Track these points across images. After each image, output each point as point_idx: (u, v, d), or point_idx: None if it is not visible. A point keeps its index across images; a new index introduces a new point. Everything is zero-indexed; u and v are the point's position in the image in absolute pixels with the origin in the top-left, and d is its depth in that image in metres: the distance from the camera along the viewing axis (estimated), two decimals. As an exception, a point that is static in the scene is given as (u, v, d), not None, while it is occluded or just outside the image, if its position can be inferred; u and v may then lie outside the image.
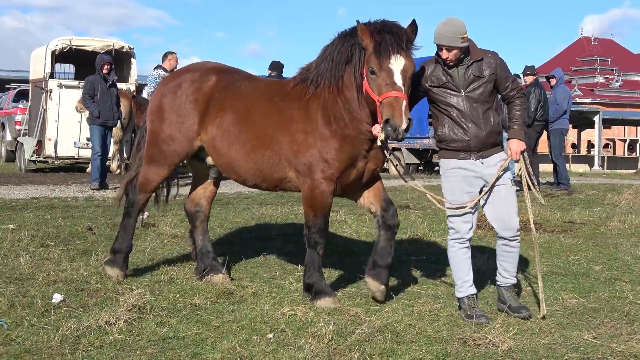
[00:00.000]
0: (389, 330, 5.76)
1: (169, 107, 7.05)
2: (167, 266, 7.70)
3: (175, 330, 5.60)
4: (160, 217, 10.31)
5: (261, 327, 5.74)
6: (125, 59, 21.65)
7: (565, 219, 11.96)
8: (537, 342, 5.65)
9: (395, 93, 5.88)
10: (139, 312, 5.90)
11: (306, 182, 6.50)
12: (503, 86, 6.38)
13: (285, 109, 6.64)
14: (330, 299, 6.46)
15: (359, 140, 6.41)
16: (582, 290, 7.35)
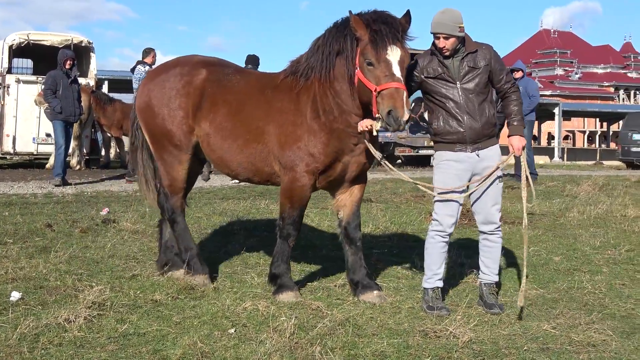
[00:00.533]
0: (350, 323, 5.78)
1: (158, 102, 6.93)
2: (127, 262, 7.65)
3: (135, 326, 5.56)
4: (121, 213, 10.25)
5: (222, 323, 5.73)
6: (84, 53, 21.46)
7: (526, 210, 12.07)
8: (497, 333, 5.70)
9: (395, 84, 5.85)
10: (99, 309, 5.85)
11: (288, 174, 6.46)
12: (497, 78, 6.38)
13: (275, 100, 6.59)
14: (293, 293, 6.45)
15: (346, 133, 6.36)
16: (542, 281, 7.43)
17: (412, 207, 11.97)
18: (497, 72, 6.37)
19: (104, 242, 8.49)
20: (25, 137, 20.03)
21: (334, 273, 7.44)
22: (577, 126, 64.00)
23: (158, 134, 6.96)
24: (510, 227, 10.37)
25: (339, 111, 6.30)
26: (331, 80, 6.32)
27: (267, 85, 6.76)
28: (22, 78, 20.38)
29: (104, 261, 7.66)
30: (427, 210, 11.23)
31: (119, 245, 8.43)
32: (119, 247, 8.30)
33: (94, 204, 11.43)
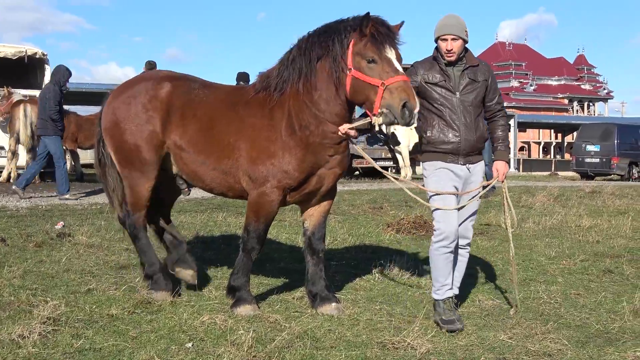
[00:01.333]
0: (308, 336, 5.77)
1: (124, 118, 6.81)
2: (83, 277, 7.55)
3: (91, 342, 5.49)
4: (76, 227, 10.14)
5: (180, 337, 5.68)
6: (38, 65, 21.28)
7: (482, 221, 12.15)
8: (454, 343, 5.73)
9: (404, 77, 5.88)
10: (54, 325, 5.77)
11: (257, 188, 6.37)
12: (490, 97, 6.40)
13: (247, 116, 6.49)
14: (250, 306, 6.41)
15: (323, 146, 6.31)
16: (498, 292, 7.49)
17: (370, 219, 12.02)
18: (492, 91, 6.41)
19: (59, 256, 8.39)
20: (-23, 151, 19.81)
21: (292, 285, 7.44)
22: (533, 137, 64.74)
23: (126, 150, 6.84)
24: (467, 238, 10.44)
25: (316, 123, 6.24)
26: (308, 91, 6.25)
27: (238, 101, 6.67)
28: (-27, 90, 20.09)
29: (59, 275, 7.56)
30: (384, 222, 11.32)
31: (74, 259, 8.33)
32: (74, 261, 8.20)
33: (48, 218, 11.31)
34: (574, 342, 5.84)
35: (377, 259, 8.48)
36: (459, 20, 6.27)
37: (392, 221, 11.29)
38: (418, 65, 6.43)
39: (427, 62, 6.41)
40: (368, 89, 5.95)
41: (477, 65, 6.34)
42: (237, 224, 10.96)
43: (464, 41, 6.25)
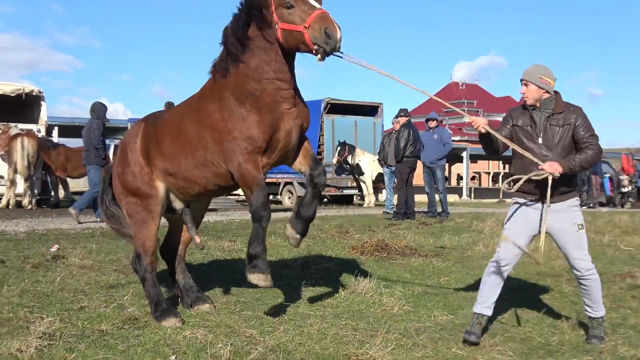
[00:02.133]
0: (281, 349, 5.78)
1: (122, 169, 6.87)
2: (76, 295, 7.51)
3: (83, 355, 5.46)
4: (70, 249, 10.08)
5: (164, 350, 5.66)
6: (35, 101, 21.21)
7: (437, 244, 12.24)
8: (412, 355, 5.75)
9: (318, 11, 5.79)
10: (49, 339, 5.73)
11: (234, 165, 6.19)
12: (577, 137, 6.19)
13: (201, 108, 6.39)
14: (263, 275, 6.21)
15: (277, 102, 6.20)
16: (452, 308, 7.53)
17: (337, 242, 12.04)
18: (580, 131, 6.17)
19: (54, 276, 8.33)
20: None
21: (266, 302, 7.45)
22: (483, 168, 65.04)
23: (129, 194, 6.81)
24: (423, 259, 10.51)
25: (262, 87, 6.15)
26: (247, 62, 6.18)
27: (192, 100, 6.65)
28: (-24, 124, 19.97)
29: (54, 294, 7.51)
30: (350, 245, 11.34)
31: (68, 279, 8.28)
32: (68, 281, 8.15)
33: (44, 241, 11.22)
34: (519, 354, 5.90)
35: (343, 278, 8.51)
36: (537, 68, 6.25)
37: (357, 244, 11.33)
38: (512, 112, 6.53)
39: (520, 108, 6.47)
40: (297, 36, 5.88)
41: (562, 112, 6.22)
42: (218, 246, 10.95)
43: (539, 87, 6.20)
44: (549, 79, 6.21)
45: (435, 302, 7.75)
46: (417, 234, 13.35)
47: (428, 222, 15.94)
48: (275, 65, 6.16)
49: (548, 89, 6.21)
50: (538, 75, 6.19)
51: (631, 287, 8.88)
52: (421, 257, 10.68)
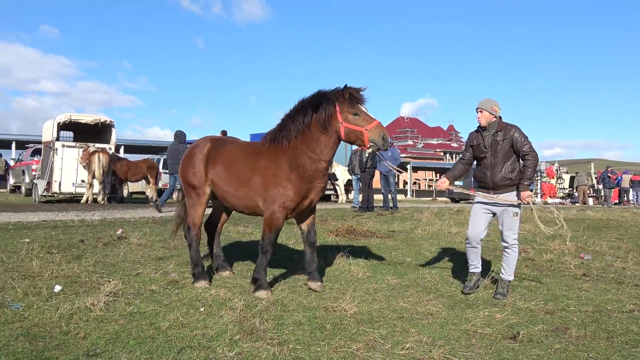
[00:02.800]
0: (279, 303, 5.73)
1: (187, 167, 6.72)
2: (134, 265, 7.39)
3: (138, 307, 5.38)
4: (130, 232, 9.95)
5: (196, 304, 5.59)
6: (108, 128, 21.02)
7: (389, 229, 12.20)
8: (371, 307, 5.72)
9: (377, 121, 5.98)
10: (113, 296, 5.65)
11: (269, 208, 6.09)
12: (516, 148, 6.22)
13: (259, 160, 6.27)
14: (266, 291, 6.08)
15: (315, 177, 6.09)
16: (399, 274, 7.49)
17: (318, 228, 11.96)
18: (517, 142, 6.18)
19: (119, 251, 8.21)
20: (67, 182, 19.61)
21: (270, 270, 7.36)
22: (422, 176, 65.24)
23: (188, 186, 6.73)
24: (380, 240, 10.46)
25: (310, 162, 6.07)
26: (305, 141, 6.10)
27: (252, 150, 6.48)
28: (66, 144, 19.90)
29: (118, 264, 7.39)
30: (328, 230, 11.26)
31: (129, 253, 8.15)
32: (128, 255, 8.03)
33: (112, 226, 11.07)
34: (447, 307, 5.88)
35: (323, 253, 8.45)
36: (488, 100, 6.31)
37: (333, 229, 11.25)
38: (470, 135, 6.54)
39: (475, 132, 6.48)
40: (357, 133, 5.95)
41: (502, 130, 6.26)
42: (235, 230, 10.84)
43: (490, 113, 6.27)
44: (496, 108, 6.29)
45: (388, 270, 7.71)
46: (375, 222, 13.29)
47: (383, 214, 15.88)
48: (325, 150, 6.11)
49: (495, 114, 6.29)
50: (490, 105, 6.26)
51: (525, 260, 8.87)
52: (378, 238, 10.63)
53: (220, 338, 4.62)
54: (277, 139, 6.26)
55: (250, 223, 11.84)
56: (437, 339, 4.79)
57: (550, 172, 38.10)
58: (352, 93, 5.97)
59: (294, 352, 4.39)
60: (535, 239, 11.32)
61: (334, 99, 6.03)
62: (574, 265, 8.47)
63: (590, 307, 6.00)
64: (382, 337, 4.80)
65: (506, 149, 6.23)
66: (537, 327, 5.20)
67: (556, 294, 6.58)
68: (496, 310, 5.70)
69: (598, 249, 10.24)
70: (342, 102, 5.99)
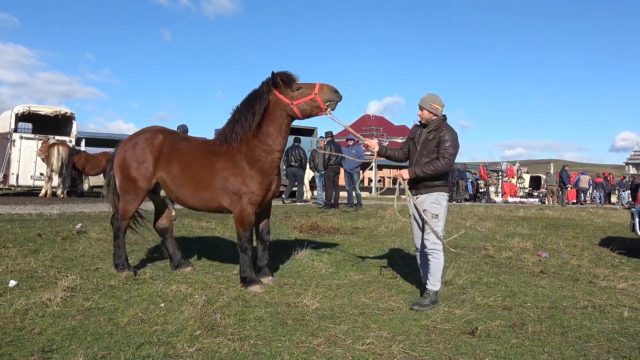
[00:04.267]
0: (241, 298, 5.70)
1: (130, 158, 6.54)
2: (93, 260, 7.25)
3: (97, 303, 5.29)
4: (90, 227, 9.75)
5: (156, 299, 5.53)
6: (68, 120, 20.58)
7: (353, 226, 12.26)
8: (333, 303, 5.74)
9: (319, 84, 6.04)
10: (71, 292, 5.55)
11: (237, 207, 6.14)
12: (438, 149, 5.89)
13: (217, 162, 6.26)
14: (259, 285, 6.11)
15: (272, 168, 6.20)
16: (362, 270, 7.53)
17: (283, 224, 11.94)
18: (441, 144, 5.85)
19: (77, 246, 8.04)
20: (25, 175, 19.17)
21: (232, 266, 7.33)
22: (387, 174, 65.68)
23: (127, 179, 6.57)
24: (344, 236, 10.50)
25: (265, 154, 6.15)
26: (256, 135, 6.16)
27: (208, 151, 6.42)
28: (24, 135, 19.42)
29: (77, 259, 7.24)
30: (292, 226, 11.25)
31: (88, 248, 7.99)
32: (88, 250, 7.87)
33: (71, 220, 10.83)
34: (407, 302, 5.94)
35: (286, 249, 8.44)
36: (429, 97, 5.98)
37: (297, 225, 11.25)
38: (413, 128, 6.35)
39: (417, 126, 6.27)
40: (310, 102, 6.04)
41: (437, 130, 5.93)
42: (198, 225, 10.73)
43: (429, 111, 5.95)
44: (437, 105, 5.98)
45: (351, 266, 7.75)
46: (339, 218, 13.34)
47: (347, 211, 15.95)
48: (277, 141, 6.20)
49: (436, 112, 5.99)
50: (429, 103, 5.98)
51: (485, 257, 9.03)
52: (342, 235, 10.67)
53: (180, 334, 4.57)
54: (229, 139, 6.29)
55: (212, 219, 11.74)
56: (398, 334, 4.84)
57: (511, 172, 38.99)
58: (282, 76, 6.10)
59: (254, 347, 4.38)
60: (495, 236, 11.54)
61: (268, 89, 6.15)
62: (531, 262, 8.66)
63: (547, 303, 6.14)
64: (343, 332, 4.82)
65: (432, 149, 5.93)
66: (495, 322, 5.30)
67: (514, 290, 6.72)
68: (455, 306, 5.79)
69: (555, 247, 10.50)
70: (280, 87, 6.11)
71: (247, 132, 6.19)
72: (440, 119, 6.01)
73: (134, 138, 6.75)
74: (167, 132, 6.80)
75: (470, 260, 8.64)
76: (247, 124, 6.18)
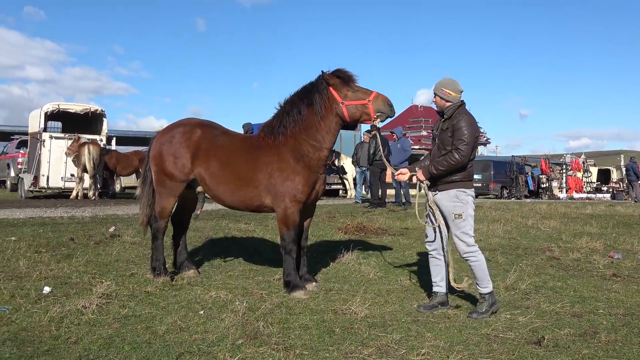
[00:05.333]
0: (284, 305, 5.74)
1: (166, 152, 6.64)
2: (128, 265, 7.43)
3: (133, 310, 5.42)
4: (124, 230, 9.99)
5: (195, 306, 5.62)
6: (98, 118, 21.09)
7: (403, 226, 12.20)
8: (384, 310, 5.73)
9: (376, 92, 6.18)
10: (106, 298, 5.69)
11: (280, 206, 6.20)
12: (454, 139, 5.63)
13: (261, 156, 6.34)
14: (303, 291, 6.15)
15: (318, 166, 6.29)
16: (414, 274, 7.48)
17: (326, 225, 11.97)
18: (455, 134, 5.61)
19: (111, 250, 8.24)
20: (55, 177, 19.73)
21: (273, 271, 7.39)
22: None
23: (163, 174, 6.68)
24: (392, 238, 10.46)
25: (313, 150, 6.24)
26: (305, 130, 6.26)
27: (250, 146, 6.52)
28: (54, 135, 19.98)
29: (111, 264, 7.43)
30: (336, 227, 11.26)
31: (122, 252, 8.19)
32: (122, 254, 8.06)
33: (104, 224, 11.12)
34: (465, 309, 5.88)
35: (331, 252, 8.46)
36: (441, 82, 5.77)
37: (342, 226, 11.26)
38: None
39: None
40: (361, 107, 6.18)
41: (450, 117, 5.69)
42: (236, 227, 10.86)
43: (441, 98, 5.73)
44: (449, 91, 5.71)
45: (401, 270, 7.72)
46: (387, 218, 13.29)
47: (395, 210, 15.87)
48: (327, 137, 6.30)
49: (448, 98, 5.71)
50: (441, 88, 5.73)
51: (549, 259, 8.85)
52: (390, 236, 10.63)
53: (221, 343, 4.64)
54: (276, 132, 6.37)
55: (252, 220, 11.86)
56: (455, 344, 4.79)
57: (576, 165, 38.01)
58: (340, 74, 6.21)
59: (300, 357, 4.40)
60: (560, 236, 11.29)
61: (326, 84, 6.24)
62: (602, 264, 8.44)
63: (621, 309, 5.98)
64: (396, 342, 4.80)
65: (447, 140, 5.69)
66: (563, 331, 5.19)
67: (584, 295, 6.57)
68: (518, 313, 5.69)
69: (629, 247, 10.20)
70: (336, 84, 6.21)
71: (299, 125, 6.28)
72: (455, 105, 5.74)
73: (171, 130, 6.81)
74: (206, 125, 6.84)
75: (533, 262, 8.49)
76: (301, 117, 6.28)
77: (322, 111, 6.24)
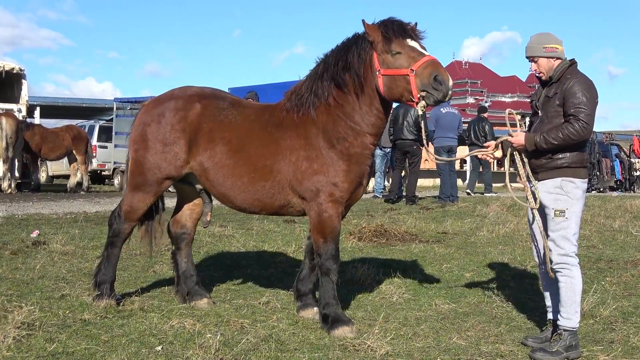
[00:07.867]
0: (273, 339, 5.76)
1: (153, 136, 6.46)
2: (57, 283, 7.45)
3: (64, 345, 5.42)
4: (51, 235, 10.02)
5: (150, 340, 5.62)
6: (15, 80, 21.09)
7: (439, 230, 12.22)
8: (412, 345, 5.74)
9: (429, 57, 5.74)
10: (28, 329, 5.68)
11: (313, 207, 6.11)
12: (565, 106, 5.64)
13: (283, 138, 6.21)
14: (348, 327, 5.97)
15: (364, 156, 6.15)
16: (454, 296, 7.51)
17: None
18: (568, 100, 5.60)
19: (34, 263, 8.27)
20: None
21: (259, 291, 7.42)
22: (487, 151, 65.12)
23: (146, 166, 6.50)
24: (425, 246, 10.48)
25: (354, 135, 6.06)
26: (340, 104, 6.09)
27: (269, 122, 6.36)
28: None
29: (34, 282, 7.45)
30: (347, 230, 11.29)
31: (49, 266, 8.22)
32: (48, 268, 8.10)
33: (24, 227, 11.16)
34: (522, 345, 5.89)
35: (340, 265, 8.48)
36: (537, 39, 5.84)
37: (354, 230, 11.29)
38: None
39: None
40: (400, 81, 5.80)
41: (559, 80, 5.73)
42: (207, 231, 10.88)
43: (547, 58, 5.78)
44: (554, 45, 5.79)
45: (437, 290, 7.72)
46: (417, 218, 13.31)
47: (430, 207, 15.88)
48: (369, 119, 6.09)
49: (557, 55, 5.78)
50: (542, 46, 5.78)
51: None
52: (422, 243, 10.65)
53: (186, 390, 4.66)
54: (305, 102, 6.19)
55: (229, 221, 11.90)
56: (511, 393, 4.81)
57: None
58: (387, 25, 5.91)
59: (296, 411, 4.43)
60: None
61: (366, 42, 5.99)
62: None
63: None
64: (429, 389, 4.82)
65: (554, 111, 5.74)
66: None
67: (691, 325, 6.58)
68: (599, 350, 5.71)
69: None
70: (377, 42, 5.93)
71: (334, 98, 6.10)
72: (564, 64, 5.81)
73: (160, 105, 6.64)
74: (208, 96, 6.65)
75: (620, 280, 8.50)
76: (335, 87, 6.10)
77: (358, 82, 6.02)
